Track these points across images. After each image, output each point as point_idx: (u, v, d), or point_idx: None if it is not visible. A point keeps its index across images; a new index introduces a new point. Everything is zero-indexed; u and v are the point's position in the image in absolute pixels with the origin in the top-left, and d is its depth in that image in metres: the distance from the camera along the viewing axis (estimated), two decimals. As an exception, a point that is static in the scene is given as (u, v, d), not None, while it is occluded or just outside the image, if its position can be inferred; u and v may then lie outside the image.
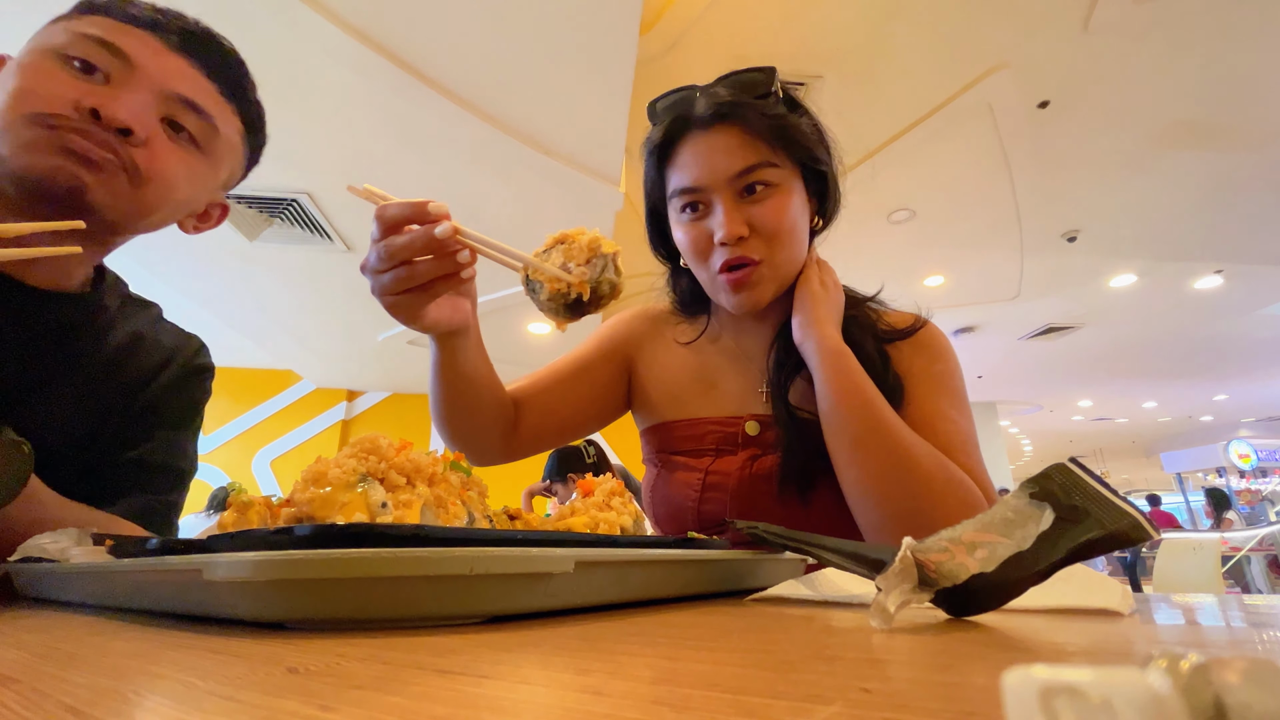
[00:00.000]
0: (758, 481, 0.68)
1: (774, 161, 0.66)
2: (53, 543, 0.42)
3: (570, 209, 2.66)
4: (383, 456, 0.33)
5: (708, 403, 0.76)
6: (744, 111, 0.65)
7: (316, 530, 0.26)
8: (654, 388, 0.80)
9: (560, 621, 0.29)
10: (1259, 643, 0.25)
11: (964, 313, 4.97)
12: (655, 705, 0.14)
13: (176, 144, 0.60)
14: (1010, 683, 0.08)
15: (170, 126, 0.60)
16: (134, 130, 0.55)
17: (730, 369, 0.77)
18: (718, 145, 0.66)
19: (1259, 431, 10.30)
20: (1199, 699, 0.08)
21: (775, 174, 0.66)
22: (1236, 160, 3.06)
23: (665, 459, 0.77)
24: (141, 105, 0.56)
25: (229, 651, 0.22)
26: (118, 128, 0.54)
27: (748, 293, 0.67)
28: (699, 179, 0.66)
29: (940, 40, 2.35)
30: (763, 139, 0.65)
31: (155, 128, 0.58)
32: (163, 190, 0.60)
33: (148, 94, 0.57)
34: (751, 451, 0.70)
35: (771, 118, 0.66)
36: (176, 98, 0.59)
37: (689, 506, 0.71)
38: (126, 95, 0.55)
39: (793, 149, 0.67)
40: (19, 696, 0.16)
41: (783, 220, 0.66)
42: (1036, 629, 0.27)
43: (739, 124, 0.65)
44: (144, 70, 0.57)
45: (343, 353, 4.35)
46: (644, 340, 0.83)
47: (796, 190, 0.68)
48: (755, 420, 0.71)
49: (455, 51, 1.96)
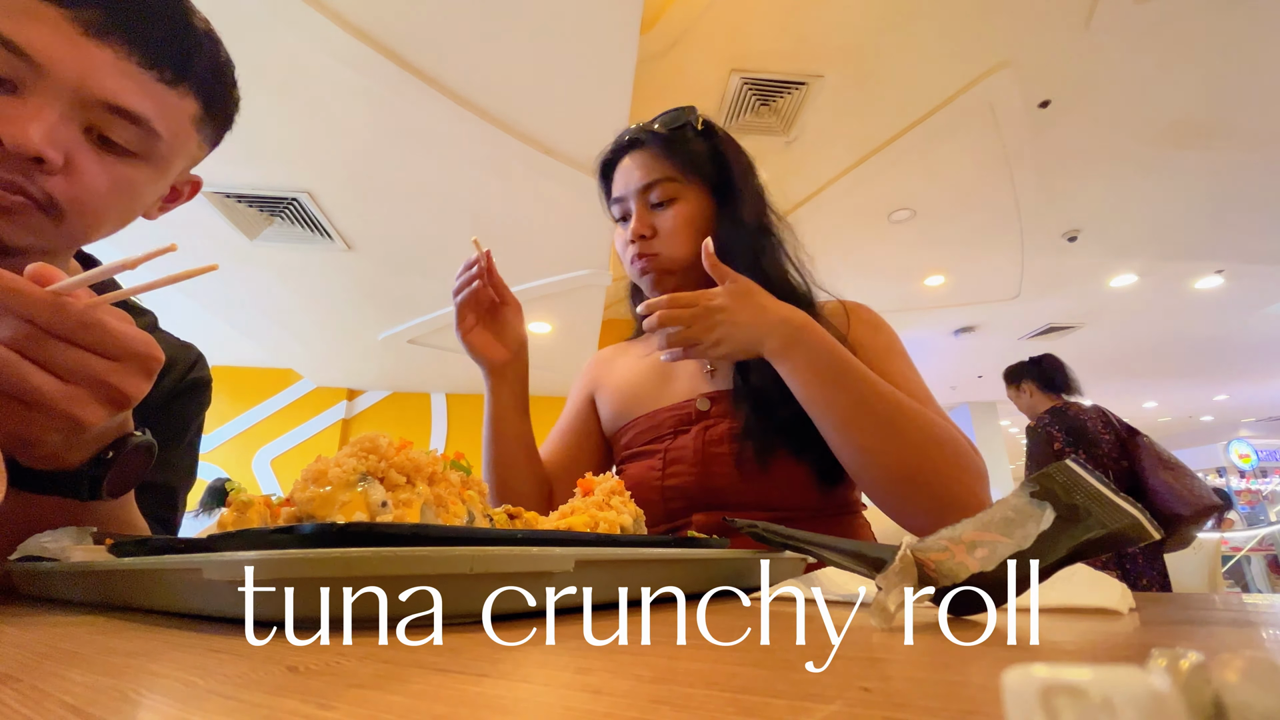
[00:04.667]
0: (711, 446, 0.75)
1: (673, 177, 0.80)
2: (53, 542, 0.42)
3: (570, 209, 2.66)
4: (383, 455, 0.33)
5: (663, 395, 0.84)
6: (651, 138, 0.82)
7: (316, 529, 0.26)
8: (614, 400, 0.89)
9: (560, 621, 0.29)
10: (1259, 642, 0.25)
11: (964, 312, 4.97)
12: (655, 704, 0.14)
13: (105, 159, 0.49)
14: (1010, 682, 0.08)
15: (99, 139, 0.48)
16: (46, 159, 0.45)
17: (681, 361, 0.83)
18: (631, 165, 0.83)
19: (1259, 431, 10.30)
20: (1199, 698, 0.08)
21: (674, 188, 0.81)
22: (1237, 160, 3.06)
23: (631, 454, 0.84)
24: (55, 121, 0.45)
25: (229, 651, 0.22)
26: (28, 156, 0.44)
27: (653, 276, 0.81)
28: (620, 190, 0.84)
29: (941, 40, 2.34)
30: (665, 159, 0.81)
31: (75, 144, 0.47)
32: (92, 218, 0.50)
33: (63, 103, 0.46)
34: (705, 423, 0.77)
35: (672, 142, 0.82)
36: (100, 104, 0.47)
37: (654, 485, 0.77)
38: (35, 113, 0.44)
39: (691, 169, 0.81)
40: (19, 695, 0.16)
41: (677, 223, 0.80)
42: (1036, 628, 0.27)
43: (650, 148, 0.82)
44: (56, 73, 0.45)
45: (342, 352, 4.35)
46: (600, 371, 0.95)
47: (698, 202, 0.82)
48: (705, 397, 0.79)
49: (455, 51, 1.96)
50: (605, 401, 0.90)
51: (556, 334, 3.98)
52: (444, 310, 3.51)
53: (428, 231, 2.87)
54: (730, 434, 0.74)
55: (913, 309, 4.74)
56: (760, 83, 2.52)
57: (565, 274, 3.24)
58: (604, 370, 0.94)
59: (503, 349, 0.84)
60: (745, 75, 2.48)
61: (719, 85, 2.53)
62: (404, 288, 3.37)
